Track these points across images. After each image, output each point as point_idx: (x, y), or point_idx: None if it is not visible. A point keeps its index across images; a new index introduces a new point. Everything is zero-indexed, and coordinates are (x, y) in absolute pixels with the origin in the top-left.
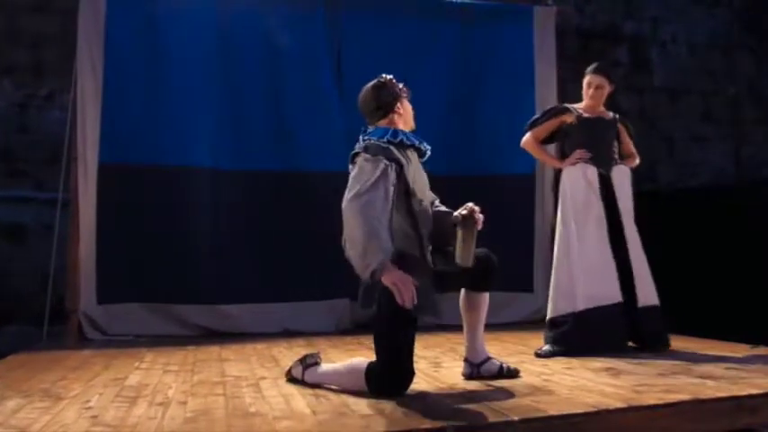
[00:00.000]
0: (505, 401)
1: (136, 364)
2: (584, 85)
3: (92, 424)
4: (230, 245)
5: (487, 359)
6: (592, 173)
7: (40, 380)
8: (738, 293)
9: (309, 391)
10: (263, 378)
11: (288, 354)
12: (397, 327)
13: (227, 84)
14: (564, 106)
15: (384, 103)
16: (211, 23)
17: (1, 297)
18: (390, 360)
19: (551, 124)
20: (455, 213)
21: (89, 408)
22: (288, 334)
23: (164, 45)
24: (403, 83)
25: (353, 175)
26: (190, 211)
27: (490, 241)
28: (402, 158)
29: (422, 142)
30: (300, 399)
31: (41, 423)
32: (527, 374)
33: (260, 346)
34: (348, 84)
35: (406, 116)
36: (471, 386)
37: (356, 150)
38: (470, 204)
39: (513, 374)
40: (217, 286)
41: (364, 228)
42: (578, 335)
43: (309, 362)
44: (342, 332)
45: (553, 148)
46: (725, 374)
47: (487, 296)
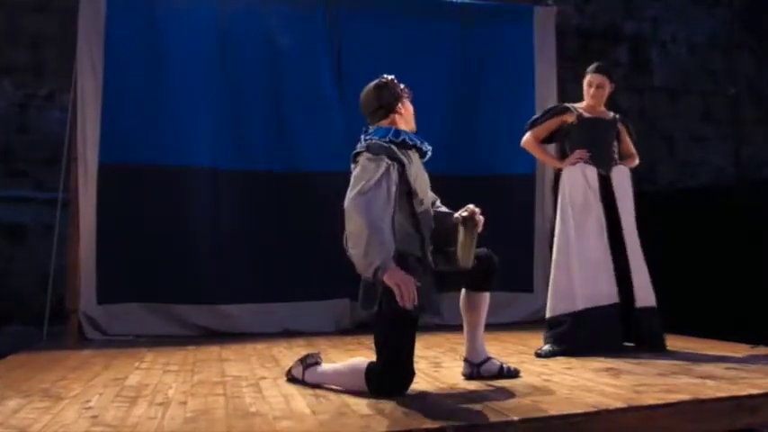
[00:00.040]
0: (505, 401)
1: (136, 364)
2: (584, 85)
3: (92, 424)
4: (230, 245)
5: (487, 359)
6: (591, 173)
7: (40, 380)
8: (738, 293)
9: (309, 391)
10: (263, 378)
11: (288, 354)
12: (398, 327)
13: (227, 84)
14: (564, 106)
15: (386, 103)
16: (211, 23)
17: (1, 297)
18: (390, 360)
19: (551, 124)
20: (456, 215)
21: (89, 408)
22: (288, 334)
23: (164, 45)
24: (404, 83)
25: (356, 174)
26: (190, 211)
27: (490, 241)
28: (404, 158)
29: (423, 142)
30: (300, 399)
31: (41, 423)
32: (527, 374)
33: (260, 346)
34: (348, 84)
35: (408, 116)
36: (471, 386)
37: (358, 150)
38: (471, 206)
39: (514, 374)
40: (217, 286)
41: (367, 226)
42: (577, 334)
43: (310, 362)
44: (342, 332)
45: (553, 148)
46: (725, 374)
47: (488, 296)
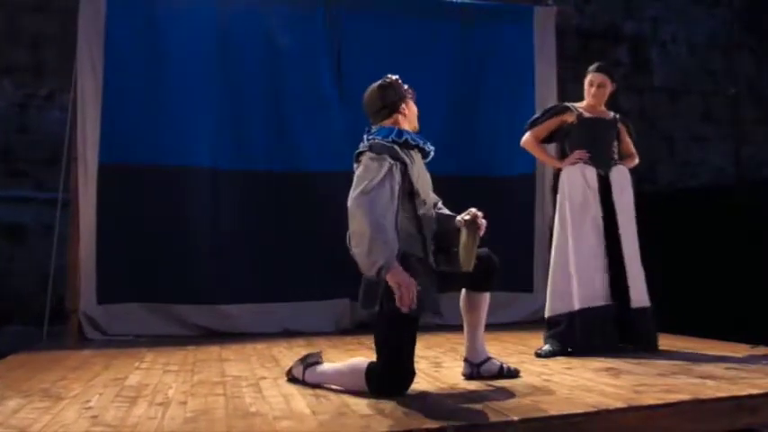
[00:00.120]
0: (505, 401)
1: (136, 364)
2: (585, 84)
3: (92, 424)
4: (230, 245)
5: (488, 359)
6: (590, 173)
7: (40, 380)
8: (738, 293)
9: (309, 391)
10: (263, 378)
11: (288, 354)
12: (399, 326)
13: (227, 84)
14: (564, 105)
15: (389, 103)
16: (211, 23)
17: (1, 297)
18: (391, 360)
19: (551, 123)
20: (458, 218)
21: (89, 408)
22: (288, 334)
23: (164, 45)
24: (406, 84)
25: (359, 174)
26: (190, 211)
27: (490, 241)
28: (406, 158)
29: (426, 143)
30: (300, 399)
31: (41, 423)
32: (527, 374)
33: (260, 346)
34: (348, 84)
35: (411, 117)
36: (471, 386)
37: (361, 149)
38: (473, 210)
39: (514, 374)
40: (217, 286)
41: (370, 225)
42: (575, 334)
43: (310, 361)
44: (342, 332)
45: (553, 148)
46: (725, 374)
47: (488, 296)
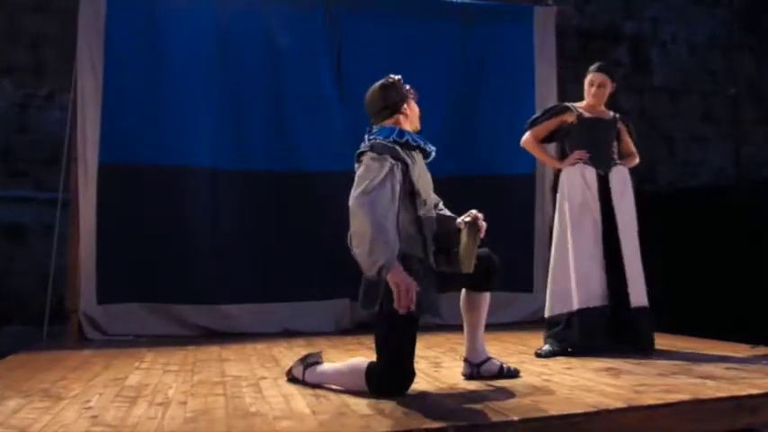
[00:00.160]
0: (505, 401)
1: (136, 364)
2: (586, 84)
3: (92, 424)
4: (230, 245)
5: (488, 359)
6: (590, 174)
7: (40, 380)
8: (738, 293)
9: (309, 391)
10: (263, 378)
11: (288, 354)
12: (399, 327)
13: (227, 84)
14: (564, 105)
15: (391, 103)
16: (211, 23)
17: (1, 297)
18: (391, 360)
19: (551, 123)
20: (458, 220)
21: (89, 408)
22: (288, 334)
23: (164, 45)
24: (408, 84)
25: (360, 173)
26: (190, 211)
27: (490, 241)
28: (407, 158)
29: (427, 143)
30: (300, 399)
31: (41, 423)
32: (527, 374)
33: (260, 346)
34: (348, 84)
35: (412, 117)
36: (471, 386)
37: (362, 149)
38: (474, 212)
39: (514, 374)
40: (217, 286)
41: (371, 225)
42: (574, 334)
43: (310, 361)
44: (342, 332)
45: (553, 148)
46: (725, 374)
47: (488, 296)
